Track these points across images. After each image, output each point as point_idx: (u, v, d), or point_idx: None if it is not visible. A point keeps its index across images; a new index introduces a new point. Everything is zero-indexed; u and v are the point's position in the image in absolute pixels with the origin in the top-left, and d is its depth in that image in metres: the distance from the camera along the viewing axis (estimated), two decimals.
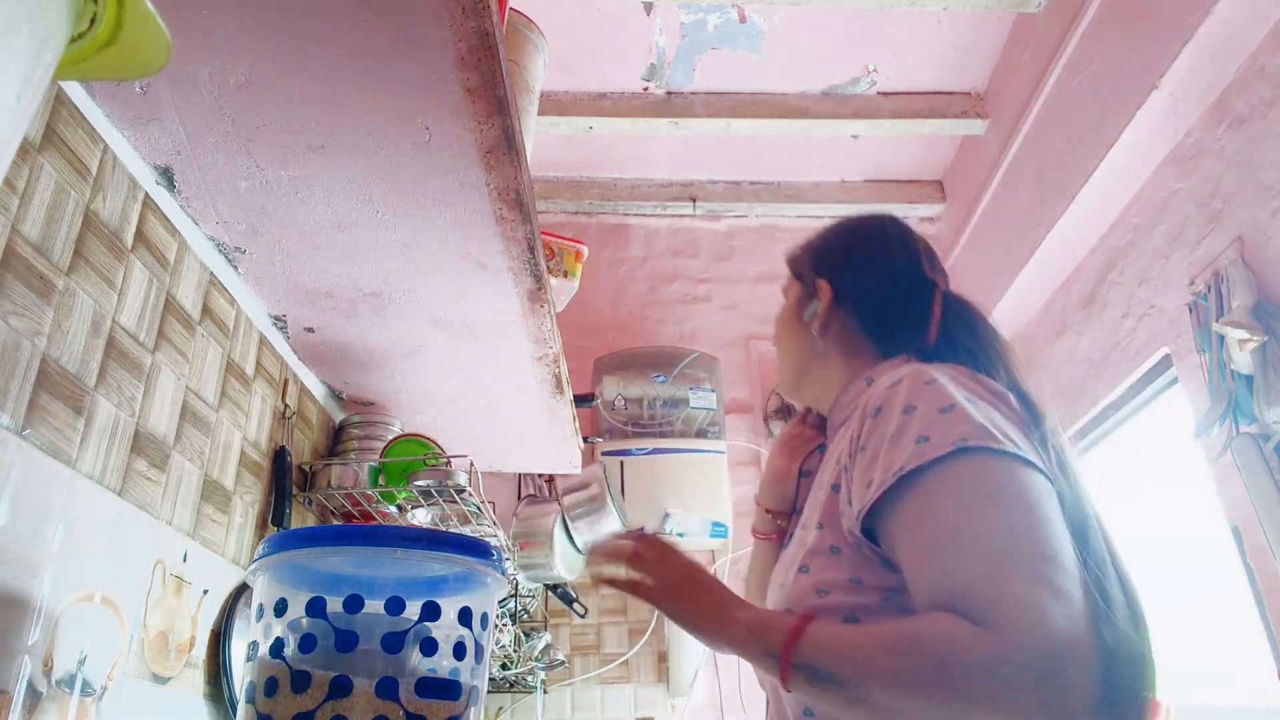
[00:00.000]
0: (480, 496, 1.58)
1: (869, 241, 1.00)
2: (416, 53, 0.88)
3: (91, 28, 0.47)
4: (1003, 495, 0.69)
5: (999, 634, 0.62)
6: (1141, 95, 2.06)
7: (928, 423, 0.73)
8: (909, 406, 0.76)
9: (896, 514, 0.72)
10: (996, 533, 0.67)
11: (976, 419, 0.73)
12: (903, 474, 0.71)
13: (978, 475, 0.70)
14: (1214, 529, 1.93)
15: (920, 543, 0.70)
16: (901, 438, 0.74)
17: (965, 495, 0.70)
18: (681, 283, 3.23)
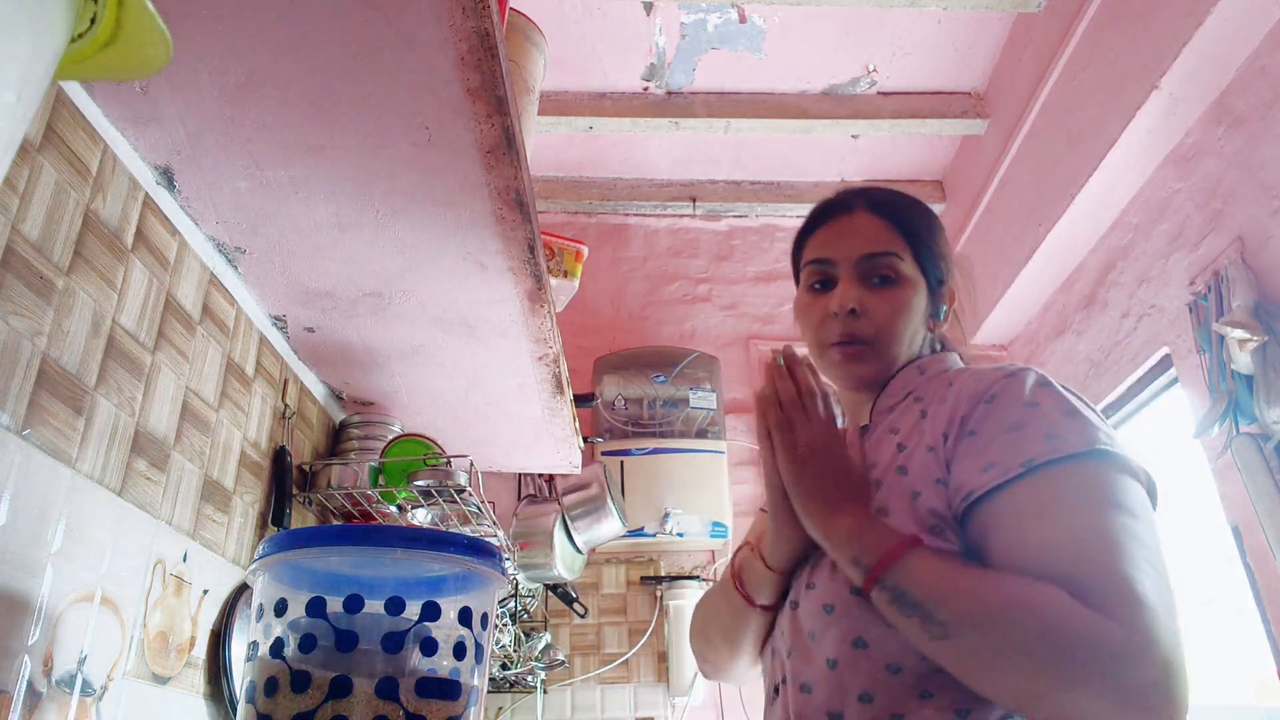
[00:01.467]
0: (480, 496, 1.58)
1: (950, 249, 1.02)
2: (416, 53, 0.88)
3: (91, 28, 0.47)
4: (1136, 504, 0.71)
5: (1120, 625, 0.62)
6: (1141, 95, 2.06)
7: (1054, 421, 0.74)
8: (1032, 402, 0.76)
9: (1013, 501, 0.71)
10: (1131, 536, 0.68)
11: (1099, 425, 0.74)
12: (1033, 465, 0.71)
13: (1104, 476, 0.71)
14: (1214, 529, 1.93)
15: (1043, 530, 0.69)
16: (1027, 430, 0.74)
17: (1091, 493, 0.70)
18: (681, 283, 3.23)
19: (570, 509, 2.16)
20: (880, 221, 0.94)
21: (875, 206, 0.95)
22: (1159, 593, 0.65)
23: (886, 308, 0.91)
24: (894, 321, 0.91)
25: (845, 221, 0.95)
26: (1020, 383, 0.78)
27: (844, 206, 0.97)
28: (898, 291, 0.91)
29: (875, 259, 0.92)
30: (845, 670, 0.77)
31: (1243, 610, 1.82)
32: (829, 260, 0.94)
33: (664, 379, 2.85)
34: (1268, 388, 1.69)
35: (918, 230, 0.94)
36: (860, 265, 0.92)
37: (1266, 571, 1.79)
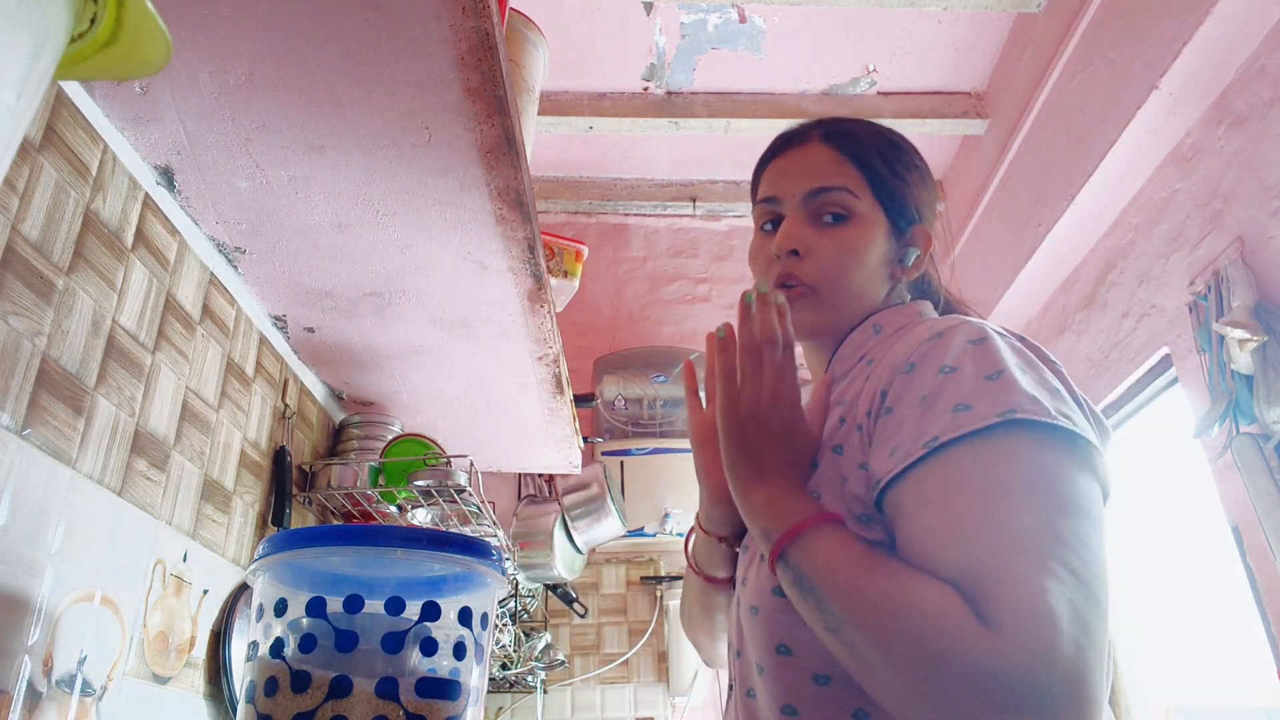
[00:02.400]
0: (480, 496, 1.58)
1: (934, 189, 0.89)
2: (416, 53, 0.88)
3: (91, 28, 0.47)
4: (1047, 482, 0.58)
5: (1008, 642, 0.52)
6: (1141, 95, 2.06)
7: (970, 389, 0.62)
8: (949, 366, 0.64)
9: (917, 488, 0.61)
10: (1041, 528, 0.56)
11: (1026, 387, 0.61)
12: (935, 445, 0.60)
13: (1021, 453, 0.59)
14: (1214, 529, 1.93)
15: (939, 525, 0.59)
16: (936, 402, 0.63)
17: (1003, 475, 0.59)
18: (681, 283, 3.23)
19: (570, 509, 2.16)
20: (834, 153, 0.83)
21: (829, 136, 0.85)
22: (1069, 600, 0.53)
23: (833, 248, 0.80)
24: (841, 264, 0.80)
25: (797, 154, 0.86)
26: (945, 344, 0.66)
27: (799, 136, 0.87)
28: (847, 231, 0.81)
29: (823, 194, 0.81)
30: (770, 679, 0.68)
31: (1243, 610, 1.83)
32: (776, 198, 0.85)
33: (664, 379, 2.85)
34: (1268, 388, 1.69)
35: (877, 162, 0.83)
36: (808, 202, 0.82)
37: (1266, 571, 1.79)
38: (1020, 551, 0.55)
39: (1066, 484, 0.59)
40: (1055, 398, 0.62)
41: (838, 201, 0.82)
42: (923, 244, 0.86)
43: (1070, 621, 0.52)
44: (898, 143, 0.88)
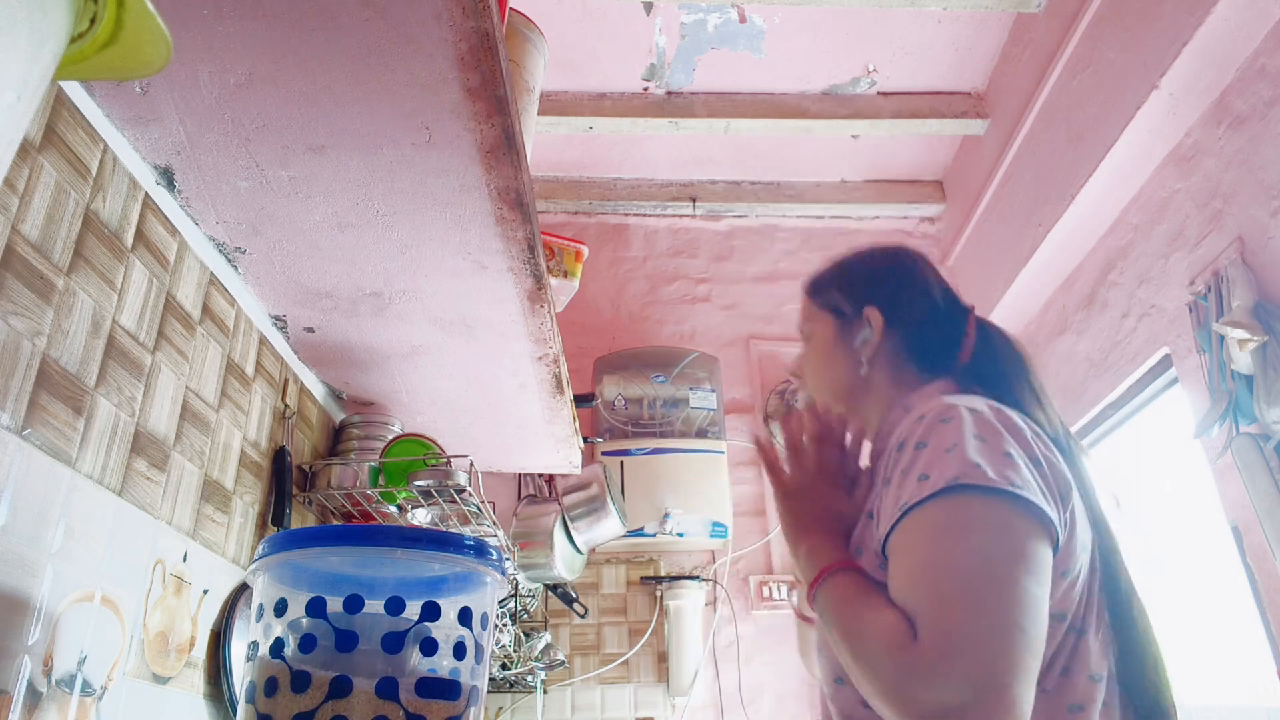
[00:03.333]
0: (480, 496, 1.58)
1: (907, 270, 1.03)
2: (416, 53, 0.88)
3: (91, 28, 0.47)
4: (977, 533, 0.73)
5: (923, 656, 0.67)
6: (1141, 95, 2.06)
7: (931, 460, 0.77)
8: (921, 443, 0.80)
9: (893, 543, 0.78)
10: (959, 566, 0.71)
11: (972, 456, 0.75)
12: (904, 509, 0.76)
13: (959, 512, 0.74)
14: (1214, 529, 1.94)
15: (900, 573, 0.75)
16: (911, 473, 0.78)
17: (942, 530, 0.74)
18: (681, 283, 3.23)
19: (570, 509, 2.16)
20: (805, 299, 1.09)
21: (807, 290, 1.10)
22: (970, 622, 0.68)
23: (806, 362, 1.06)
24: (811, 370, 1.05)
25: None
26: (924, 425, 0.82)
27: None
28: (809, 346, 1.05)
29: (801, 331, 1.08)
30: (835, 703, 0.85)
31: (1243, 610, 1.83)
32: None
33: (664, 379, 2.85)
34: (1268, 388, 1.69)
35: (823, 286, 1.06)
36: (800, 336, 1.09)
37: (1266, 571, 1.79)
38: (945, 585, 0.71)
39: (993, 534, 0.72)
40: (1002, 463, 0.75)
41: (802, 331, 1.08)
42: (871, 321, 1.00)
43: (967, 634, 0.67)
44: (844, 259, 1.08)
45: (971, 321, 1.00)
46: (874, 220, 3.36)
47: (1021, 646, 0.67)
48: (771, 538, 2.80)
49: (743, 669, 2.63)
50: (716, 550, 2.75)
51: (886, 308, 0.99)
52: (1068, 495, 0.79)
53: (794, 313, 3.17)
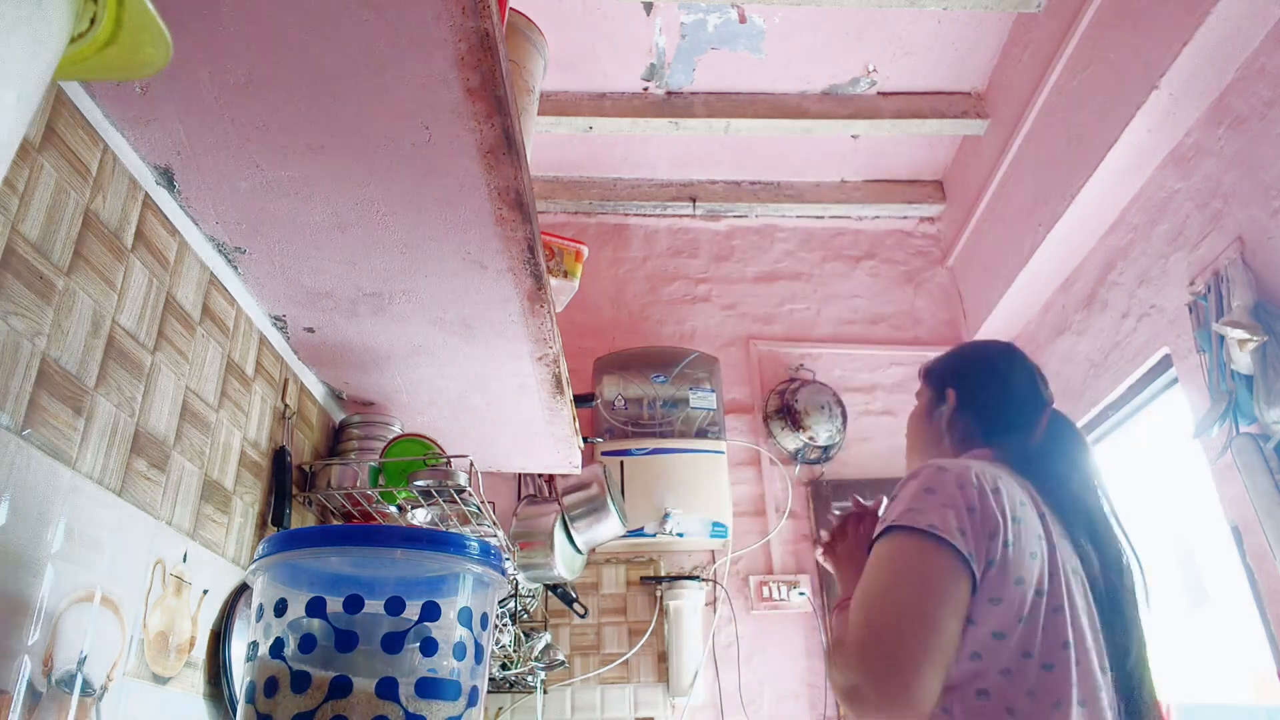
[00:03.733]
0: (480, 496, 1.58)
1: (991, 362, 1.29)
2: (416, 53, 0.88)
3: (91, 28, 0.47)
4: (897, 562, 0.97)
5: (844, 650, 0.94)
6: (1141, 95, 2.06)
7: (890, 507, 1.03)
8: (893, 496, 1.05)
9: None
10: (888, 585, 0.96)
11: (912, 505, 0.99)
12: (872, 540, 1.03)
13: (891, 547, 0.99)
14: (1214, 529, 1.93)
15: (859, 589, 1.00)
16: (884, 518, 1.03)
17: (878, 559, 0.99)
18: (681, 283, 3.23)
19: (570, 509, 2.15)
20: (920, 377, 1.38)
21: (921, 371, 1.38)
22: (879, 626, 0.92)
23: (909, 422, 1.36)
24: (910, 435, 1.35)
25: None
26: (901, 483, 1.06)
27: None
28: (912, 413, 1.35)
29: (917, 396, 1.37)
30: None
31: (1243, 610, 1.83)
32: None
33: (664, 379, 2.85)
34: (1268, 388, 1.69)
35: (935, 362, 1.35)
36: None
37: (1266, 571, 1.79)
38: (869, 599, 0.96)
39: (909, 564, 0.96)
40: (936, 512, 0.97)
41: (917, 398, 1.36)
42: (949, 400, 1.27)
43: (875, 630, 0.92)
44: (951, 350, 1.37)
45: (1046, 413, 1.22)
46: (874, 220, 3.36)
47: (917, 647, 0.89)
48: (771, 538, 2.80)
49: (742, 669, 2.63)
50: (716, 550, 2.76)
51: (961, 391, 1.26)
52: (995, 535, 0.97)
53: (794, 312, 3.18)
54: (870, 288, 3.26)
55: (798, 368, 3.05)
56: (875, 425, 3.01)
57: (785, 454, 2.91)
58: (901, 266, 3.30)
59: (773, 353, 3.10)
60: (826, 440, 2.84)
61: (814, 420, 2.83)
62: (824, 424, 2.83)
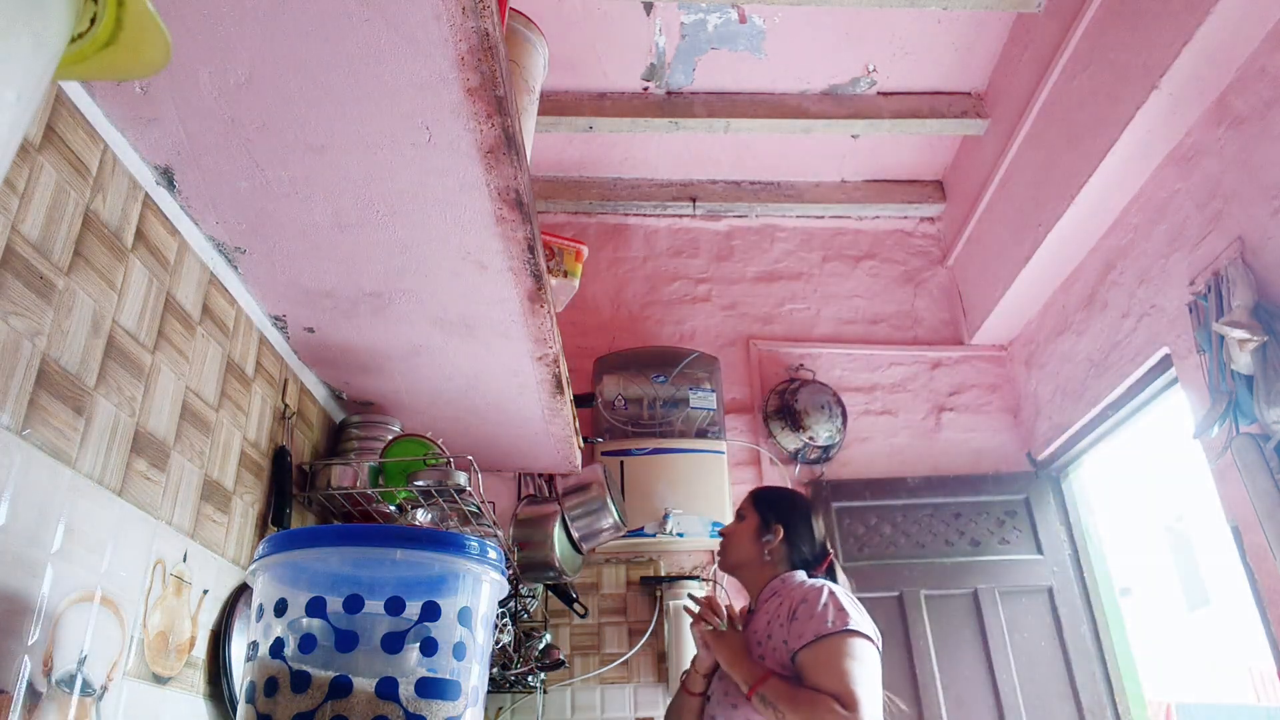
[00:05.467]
0: (480, 496, 1.58)
1: (806, 512, 1.75)
2: (416, 53, 0.88)
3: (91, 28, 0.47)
4: (863, 658, 1.44)
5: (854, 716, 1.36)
6: (1141, 95, 2.06)
7: (835, 613, 1.48)
8: (824, 603, 1.49)
9: (814, 652, 1.44)
10: (860, 676, 1.41)
11: (854, 614, 1.48)
12: (822, 634, 1.45)
13: (855, 644, 1.44)
14: (1214, 529, 1.94)
15: (827, 667, 1.42)
16: (824, 616, 1.47)
17: (850, 651, 1.43)
18: (681, 283, 3.23)
19: (570, 509, 2.15)
20: (747, 499, 1.80)
21: (751, 494, 1.81)
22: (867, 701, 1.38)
23: (731, 533, 1.76)
24: (732, 544, 1.74)
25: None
26: (819, 591, 1.52)
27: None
28: (737, 527, 1.75)
29: (738, 510, 1.80)
30: None
31: (1243, 610, 1.83)
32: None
33: (664, 379, 2.85)
34: (1268, 388, 1.69)
35: (764, 498, 1.77)
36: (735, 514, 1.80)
37: (1266, 571, 1.79)
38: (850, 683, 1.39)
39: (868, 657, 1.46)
40: (861, 619, 1.49)
41: (738, 513, 1.79)
42: (775, 532, 1.70)
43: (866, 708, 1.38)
44: (777, 492, 1.85)
45: (829, 554, 1.72)
46: (874, 220, 3.36)
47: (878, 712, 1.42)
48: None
49: None
50: (716, 550, 2.75)
51: (787, 528, 1.70)
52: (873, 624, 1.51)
53: (794, 312, 3.18)
54: (870, 288, 3.26)
55: (798, 368, 3.05)
56: (875, 425, 3.01)
57: (785, 454, 2.91)
58: (901, 266, 3.30)
59: (773, 353, 3.09)
60: (826, 440, 2.84)
61: (814, 420, 2.83)
62: (824, 424, 2.83)
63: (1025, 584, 2.70)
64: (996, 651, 2.61)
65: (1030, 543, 2.76)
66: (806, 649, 1.44)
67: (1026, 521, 2.79)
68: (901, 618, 2.67)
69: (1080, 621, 2.64)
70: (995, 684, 2.57)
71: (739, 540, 1.73)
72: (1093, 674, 2.57)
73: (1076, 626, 2.63)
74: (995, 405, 3.04)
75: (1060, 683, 2.58)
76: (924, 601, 2.70)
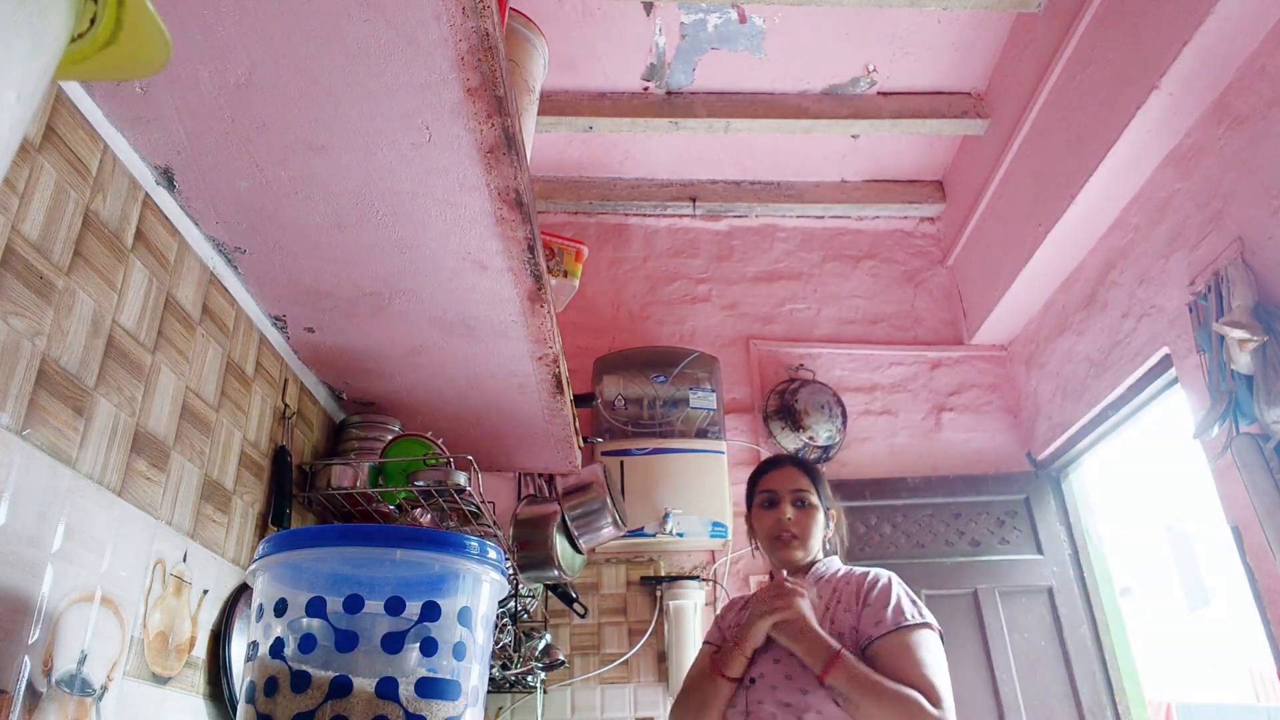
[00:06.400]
0: (480, 496, 1.58)
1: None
2: (416, 52, 0.88)
3: (91, 28, 0.47)
4: (941, 654, 1.39)
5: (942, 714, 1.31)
6: (1141, 95, 2.06)
7: (912, 605, 1.43)
8: (899, 593, 1.45)
9: (892, 643, 1.38)
10: (939, 670, 1.36)
11: (922, 607, 1.44)
12: (903, 625, 1.39)
13: (934, 639, 1.41)
14: (1214, 529, 1.94)
15: (910, 660, 1.36)
16: (901, 607, 1.42)
17: (931, 646, 1.39)
18: (681, 283, 3.23)
19: (570, 509, 2.15)
20: (799, 472, 1.62)
21: (795, 464, 1.65)
22: (949, 698, 1.33)
23: (806, 520, 1.58)
24: (809, 526, 1.58)
25: (782, 471, 1.63)
26: (893, 581, 1.48)
27: (777, 463, 1.66)
28: (809, 510, 1.59)
29: (798, 492, 1.60)
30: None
31: (1243, 610, 1.83)
32: (774, 490, 1.60)
33: (664, 379, 2.85)
34: (1268, 388, 1.69)
35: (819, 480, 1.63)
36: (791, 495, 1.60)
37: (1266, 571, 1.79)
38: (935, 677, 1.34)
39: (937, 646, 1.40)
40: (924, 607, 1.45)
41: (803, 497, 1.60)
42: (833, 519, 1.64)
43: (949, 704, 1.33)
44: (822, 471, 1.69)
45: None
46: (874, 220, 3.36)
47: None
48: None
49: None
50: (716, 550, 2.75)
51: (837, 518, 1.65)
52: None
53: (794, 312, 3.17)
54: (870, 288, 3.26)
55: (798, 368, 3.05)
56: (875, 425, 3.01)
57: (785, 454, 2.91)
58: (901, 266, 3.30)
59: (773, 353, 3.09)
60: (826, 440, 2.84)
61: (814, 420, 2.83)
62: (824, 424, 2.83)
63: (1025, 584, 2.70)
64: (996, 651, 2.61)
65: (1030, 543, 2.76)
66: (886, 638, 1.36)
67: (1026, 521, 2.79)
68: None
69: (1080, 621, 2.64)
70: (995, 684, 2.57)
71: (814, 530, 1.57)
72: (1093, 674, 2.57)
73: (1076, 626, 2.63)
74: (995, 405, 3.04)
75: (1060, 683, 2.58)
76: (924, 601, 2.70)
